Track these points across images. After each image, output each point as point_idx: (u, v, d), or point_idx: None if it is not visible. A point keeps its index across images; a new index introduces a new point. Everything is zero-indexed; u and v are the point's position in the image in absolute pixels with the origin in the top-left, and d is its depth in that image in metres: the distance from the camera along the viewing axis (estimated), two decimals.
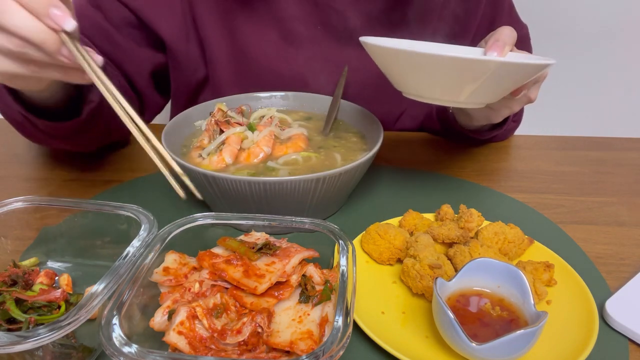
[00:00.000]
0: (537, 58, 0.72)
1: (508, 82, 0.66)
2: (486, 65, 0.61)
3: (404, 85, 0.71)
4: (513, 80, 0.67)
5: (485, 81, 0.63)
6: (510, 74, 0.64)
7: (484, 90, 0.66)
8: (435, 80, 0.66)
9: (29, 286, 0.56)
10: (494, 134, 0.97)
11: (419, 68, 0.65)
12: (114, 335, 0.44)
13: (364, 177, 0.77)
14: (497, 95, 0.70)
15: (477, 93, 0.67)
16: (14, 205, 0.61)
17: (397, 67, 0.69)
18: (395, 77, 0.71)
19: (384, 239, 0.66)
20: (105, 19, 0.93)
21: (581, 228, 0.77)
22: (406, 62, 0.66)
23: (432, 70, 0.64)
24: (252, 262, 0.54)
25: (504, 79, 0.65)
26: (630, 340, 0.57)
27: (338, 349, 0.43)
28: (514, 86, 0.69)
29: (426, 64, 0.64)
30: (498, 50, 0.71)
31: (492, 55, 0.70)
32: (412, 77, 0.68)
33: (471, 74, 0.63)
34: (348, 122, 0.89)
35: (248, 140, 0.78)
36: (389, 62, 0.69)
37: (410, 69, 0.67)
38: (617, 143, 1.06)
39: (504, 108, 0.78)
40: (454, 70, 0.63)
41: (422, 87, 0.68)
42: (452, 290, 0.57)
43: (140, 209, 0.60)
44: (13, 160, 0.95)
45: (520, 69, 0.64)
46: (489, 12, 1.00)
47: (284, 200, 0.67)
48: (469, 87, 0.65)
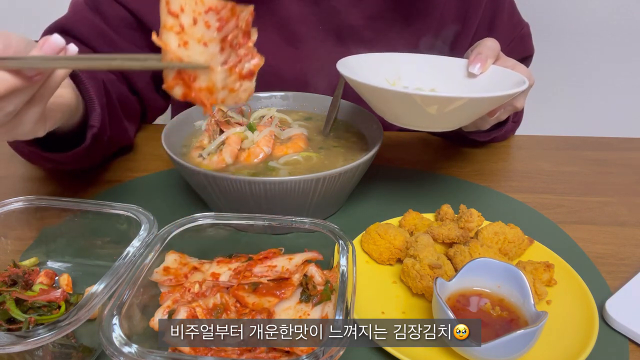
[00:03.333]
0: (513, 78, 0.73)
1: (477, 110, 0.68)
2: (451, 101, 0.63)
3: (378, 111, 0.73)
4: (481, 109, 0.68)
5: (452, 112, 0.65)
6: (476, 106, 0.66)
7: (454, 118, 0.68)
8: (402, 111, 0.68)
9: (29, 286, 0.57)
10: (493, 136, 0.97)
11: (385, 101, 0.68)
12: (114, 335, 0.44)
13: (364, 177, 0.77)
14: (470, 120, 0.71)
15: (447, 121, 0.68)
16: (14, 205, 0.61)
17: (367, 98, 0.71)
18: (366, 100, 0.73)
19: (384, 239, 0.66)
20: (103, 21, 0.92)
21: (581, 228, 0.77)
22: (371, 95, 0.69)
23: (397, 103, 0.67)
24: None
25: (471, 109, 0.66)
26: (630, 340, 0.57)
27: (338, 349, 0.43)
28: (486, 111, 0.70)
29: (391, 99, 0.66)
30: (480, 63, 0.73)
31: (474, 68, 0.73)
32: (382, 106, 0.70)
33: (436, 108, 0.64)
34: (348, 122, 0.89)
35: (248, 140, 0.78)
36: (360, 91, 0.70)
37: (376, 101, 0.70)
38: (617, 143, 1.05)
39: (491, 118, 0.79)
40: (417, 105, 0.64)
41: (392, 115, 0.71)
42: (452, 290, 0.57)
43: (140, 209, 0.60)
44: (13, 160, 0.95)
45: (486, 101, 0.65)
46: (490, 11, 1.00)
47: (284, 200, 0.67)
48: (435, 118, 0.67)
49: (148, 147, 0.99)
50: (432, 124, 0.69)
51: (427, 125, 0.70)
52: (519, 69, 0.75)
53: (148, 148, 0.99)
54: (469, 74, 0.75)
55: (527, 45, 1.07)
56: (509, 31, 1.02)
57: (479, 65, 0.73)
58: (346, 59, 0.75)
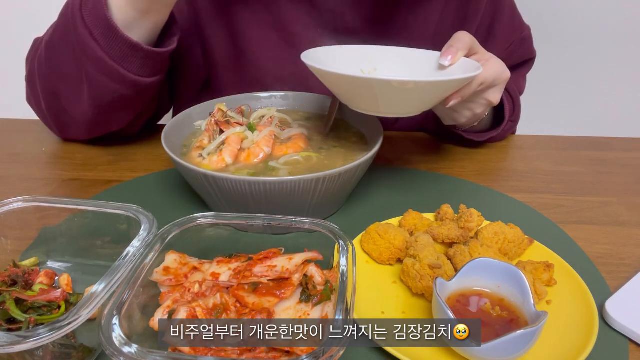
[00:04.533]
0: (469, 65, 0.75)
1: (420, 96, 0.70)
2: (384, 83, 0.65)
3: (341, 98, 0.76)
4: (425, 95, 0.70)
5: (393, 96, 0.67)
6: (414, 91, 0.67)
7: (400, 103, 0.70)
8: (350, 94, 0.72)
9: (29, 286, 0.56)
10: (491, 135, 0.97)
11: (334, 84, 0.72)
12: (114, 335, 0.44)
13: (364, 177, 0.77)
14: (418, 107, 0.73)
15: (393, 105, 0.70)
16: (14, 205, 0.61)
17: (328, 85, 0.74)
18: (333, 92, 0.76)
19: (384, 239, 0.66)
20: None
21: (581, 228, 0.77)
22: (324, 79, 0.72)
23: (341, 85, 0.71)
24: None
25: (412, 94, 0.68)
26: (630, 340, 0.57)
27: (338, 349, 0.43)
28: (434, 98, 0.72)
29: (335, 80, 0.70)
30: (451, 55, 0.74)
31: (444, 60, 0.75)
32: (334, 89, 0.74)
33: (371, 91, 0.67)
34: (348, 122, 0.89)
35: (248, 140, 0.78)
36: (322, 79, 0.73)
37: (329, 84, 0.73)
38: (617, 143, 1.06)
39: (465, 110, 0.82)
40: (354, 86, 0.68)
41: (344, 98, 0.74)
42: (452, 290, 0.57)
43: (140, 209, 0.60)
44: (13, 160, 0.95)
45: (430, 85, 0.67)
46: (489, 13, 1.00)
47: (284, 200, 0.67)
48: (378, 101, 0.69)
49: (148, 147, 0.99)
50: (387, 108, 0.71)
51: (373, 108, 0.71)
52: (492, 62, 0.76)
53: (148, 148, 0.99)
54: (440, 66, 0.77)
55: (528, 48, 1.06)
56: (509, 34, 1.02)
57: (450, 57, 0.75)
58: (319, 49, 0.77)
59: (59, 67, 0.83)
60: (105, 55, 0.76)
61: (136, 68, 0.79)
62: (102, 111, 0.85)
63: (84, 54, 0.78)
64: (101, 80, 0.79)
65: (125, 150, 0.98)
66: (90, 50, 0.76)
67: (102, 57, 0.76)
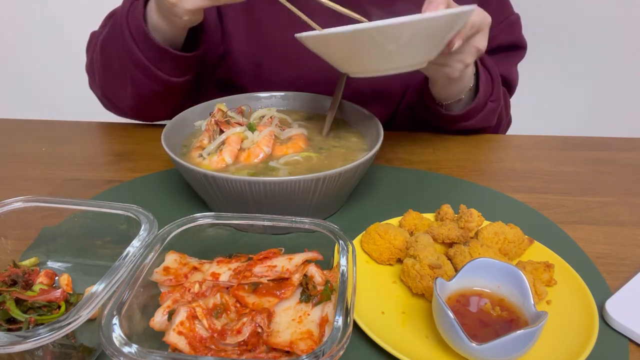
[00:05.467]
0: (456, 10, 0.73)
1: (425, 38, 0.67)
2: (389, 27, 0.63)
3: (342, 65, 0.73)
4: (428, 36, 0.67)
5: (397, 43, 0.65)
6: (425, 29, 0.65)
7: (405, 50, 0.67)
8: (352, 54, 0.69)
9: (29, 286, 0.56)
10: (468, 108, 0.97)
11: (335, 48, 0.69)
12: (114, 335, 0.44)
13: (364, 177, 0.77)
14: (423, 54, 0.71)
15: (398, 54, 0.68)
16: (14, 205, 0.61)
17: (327, 51, 0.71)
18: (333, 61, 0.73)
19: (384, 239, 0.66)
20: None
21: (581, 228, 0.77)
22: (324, 45, 0.69)
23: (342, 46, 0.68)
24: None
25: (417, 37, 0.66)
26: (630, 340, 0.57)
27: (338, 349, 0.43)
28: (437, 40, 0.70)
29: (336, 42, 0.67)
30: (432, 8, 0.73)
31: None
32: (335, 56, 0.71)
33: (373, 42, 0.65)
34: (348, 122, 0.89)
35: (248, 141, 0.78)
36: (320, 50, 0.71)
37: (329, 51, 0.70)
38: (617, 143, 1.06)
39: (456, 63, 0.82)
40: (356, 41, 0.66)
41: (346, 63, 0.71)
42: (452, 290, 0.57)
43: (140, 209, 0.60)
44: (13, 160, 0.95)
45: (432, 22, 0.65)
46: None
47: (284, 200, 0.67)
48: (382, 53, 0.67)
49: (148, 147, 0.99)
50: (390, 61, 0.69)
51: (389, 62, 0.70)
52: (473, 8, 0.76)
53: (148, 148, 0.99)
54: None
55: (515, 33, 1.07)
56: (497, 14, 1.02)
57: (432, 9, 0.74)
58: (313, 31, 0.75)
59: (110, 63, 0.97)
60: (143, 57, 0.90)
61: (168, 69, 0.92)
62: (141, 103, 1.00)
63: (127, 54, 0.91)
64: (139, 77, 0.93)
65: (125, 150, 0.98)
66: (132, 52, 0.90)
67: (140, 58, 0.90)
